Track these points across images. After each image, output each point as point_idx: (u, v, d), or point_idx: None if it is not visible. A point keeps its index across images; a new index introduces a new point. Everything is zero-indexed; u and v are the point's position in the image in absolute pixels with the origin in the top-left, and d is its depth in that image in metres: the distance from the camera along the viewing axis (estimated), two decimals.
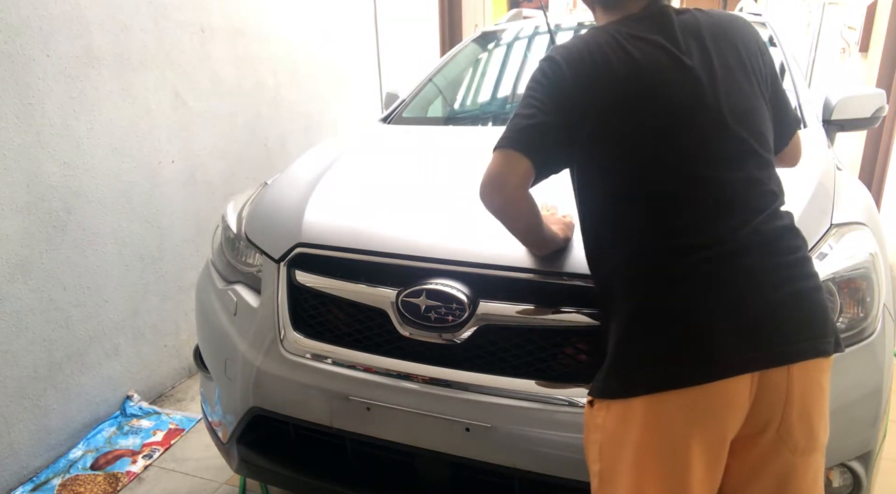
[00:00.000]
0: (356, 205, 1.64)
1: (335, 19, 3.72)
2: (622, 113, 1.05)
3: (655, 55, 1.06)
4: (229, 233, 1.76)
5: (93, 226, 2.29)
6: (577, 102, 1.06)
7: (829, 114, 2.16)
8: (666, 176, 1.04)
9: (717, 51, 1.08)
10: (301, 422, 1.48)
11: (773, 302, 0.97)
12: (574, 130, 1.07)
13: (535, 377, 1.28)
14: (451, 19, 4.96)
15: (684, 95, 1.04)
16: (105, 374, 2.42)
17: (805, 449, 1.01)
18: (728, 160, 1.04)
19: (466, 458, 1.32)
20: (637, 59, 1.05)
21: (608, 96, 1.05)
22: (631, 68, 1.05)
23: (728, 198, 1.02)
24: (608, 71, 1.05)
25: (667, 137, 1.04)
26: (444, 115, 2.73)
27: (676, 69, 1.05)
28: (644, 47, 1.06)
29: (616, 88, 1.05)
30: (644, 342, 1.00)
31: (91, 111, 2.24)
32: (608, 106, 1.05)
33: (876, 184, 4.15)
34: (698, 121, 1.04)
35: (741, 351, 0.95)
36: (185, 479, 2.16)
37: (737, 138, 1.05)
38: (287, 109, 3.32)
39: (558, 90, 1.08)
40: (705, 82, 1.05)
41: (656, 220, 1.03)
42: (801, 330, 0.98)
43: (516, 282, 1.30)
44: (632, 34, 1.08)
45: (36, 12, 2.02)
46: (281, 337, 1.47)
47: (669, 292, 0.99)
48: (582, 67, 1.07)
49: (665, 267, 1.01)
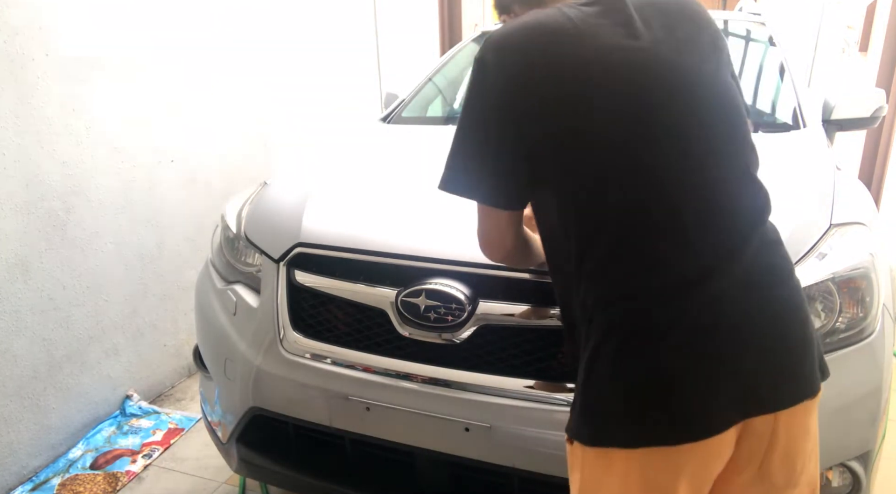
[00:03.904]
0: (356, 205, 1.64)
1: (335, 19, 3.72)
2: (573, 114, 0.90)
3: (609, 39, 0.91)
4: (229, 232, 1.76)
5: (92, 226, 2.29)
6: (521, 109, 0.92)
7: (829, 113, 2.16)
8: (640, 190, 0.89)
9: (675, 30, 0.96)
10: (300, 422, 1.48)
11: (763, 348, 0.89)
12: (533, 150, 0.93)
13: (535, 377, 1.27)
14: (451, 19, 4.96)
15: (654, 84, 0.91)
16: (105, 374, 2.42)
17: (786, 485, 0.96)
18: (717, 157, 0.92)
19: (466, 458, 1.33)
20: (590, 43, 0.91)
21: (557, 96, 0.91)
22: (586, 58, 0.90)
23: (717, 212, 0.90)
24: (557, 64, 0.90)
25: (636, 138, 0.90)
26: (444, 115, 2.73)
27: (637, 55, 0.92)
28: (597, 30, 0.92)
29: (567, 86, 0.90)
30: (618, 395, 0.89)
31: (91, 110, 2.24)
32: (556, 108, 0.90)
33: (875, 184, 4.15)
34: (674, 112, 0.91)
35: (729, 404, 0.87)
36: (184, 479, 2.16)
37: (724, 125, 0.93)
38: (287, 109, 3.32)
39: (496, 100, 0.93)
40: (676, 68, 0.92)
41: (628, 252, 0.89)
42: (790, 375, 0.91)
43: (516, 282, 1.30)
44: (582, 17, 0.93)
45: (36, 11, 2.02)
46: (280, 336, 1.47)
47: (648, 345, 0.88)
48: (521, 62, 0.92)
49: (642, 314, 0.88)
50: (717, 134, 0.93)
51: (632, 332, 0.89)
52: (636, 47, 0.92)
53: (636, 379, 0.88)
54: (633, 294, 0.89)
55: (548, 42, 0.91)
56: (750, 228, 0.92)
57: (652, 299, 0.88)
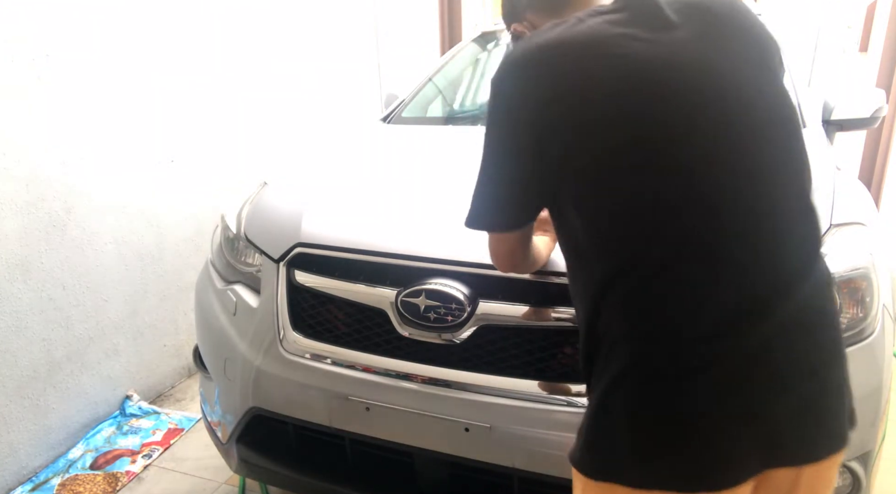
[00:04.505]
0: (356, 205, 1.64)
1: (335, 19, 3.72)
2: (607, 133, 0.82)
3: (644, 51, 0.83)
4: (229, 232, 1.76)
5: (92, 226, 2.29)
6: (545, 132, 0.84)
7: (829, 114, 2.16)
8: (689, 217, 0.80)
9: (724, 39, 0.87)
10: (300, 422, 1.48)
11: (800, 396, 0.81)
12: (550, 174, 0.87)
13: (535, 377, 1.27)
14: (451, 19, 4.96)
15: (700, 100, 0.82)
16: (104, 374, 2.42)
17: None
18: (773, 180, 0.82)
19: (466, 458, 1.32)
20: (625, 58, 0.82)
21: (589, 116, 0.82)
22: (618, 72, 0.82)
23: (772, 244, 0.81)
24: (584, 84, 0.82)
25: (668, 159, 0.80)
26: (444, 115, 2.73)
27: (677, 67, 0.83)
28: (627, 42, 0.83)
29: (599, 106, 0.82)
30: (633, 432, 0.82)
31: (91, 110, 2.24)
32: (591, 128, 0.82)
33: (875, 184, 4.15)
34: (725, 134, 0.81)
35: (752, 453, 0.80)
36: (184, 479, 2.16)
37: (782, 144, 0.84)
38: (287, 109, 3.32)
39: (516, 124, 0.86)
40: (724, 80, 0.83)
41: (667, 284, 0.81)
42: (822, 427, 0.84)
43: (516, 282, 1.30)
44: (611, 26, 0.84)
45: (37, 13, 2.02)
46: (280, 337, 1.47)
47: (675, 384, 0.80)
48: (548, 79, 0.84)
49: (674, 351, 0.80)
50: (773, 154, 0.83)
51: (658, 369, 0.81)
52: (676, 61, 0.82)
53: (656, 418, 0.81)
54: (666, 328, 0.81)
55: (573, 60, 0.82)
56: (805, 264, 0.84)
57: (688, 336, 0.80)
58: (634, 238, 0.82)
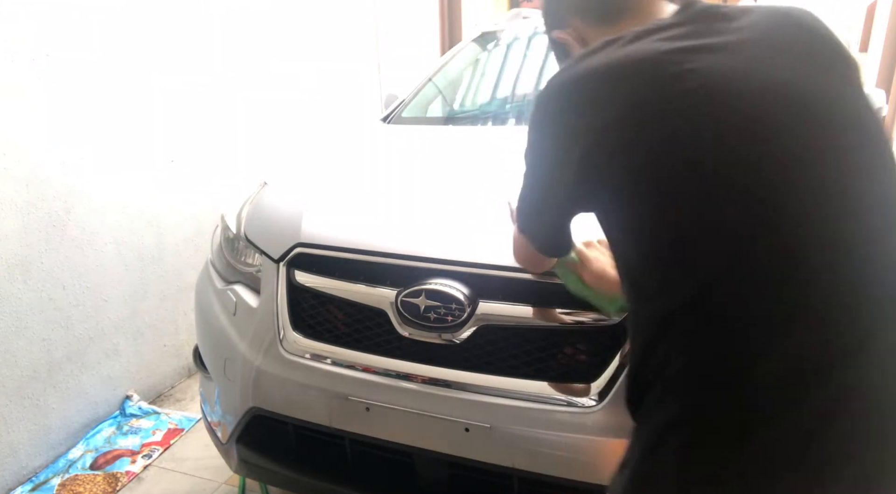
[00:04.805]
0: (356, 205, 1.64)
1: (335, 19, 3.72)
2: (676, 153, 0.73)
3: (709, 68, 0.74)
4: (228, 232, 1.76)
5: (92, 226, 2.29)
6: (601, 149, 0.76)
7: None
8: (769, 249, 0.71)
9: (803, 57, 0.78)
10: (300, 422, 1.48)
11: (861, 470, 0.70)
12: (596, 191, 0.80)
13: (535, 377, 1.27)
14: (451, 19, 4.96)
15: (777, 122, 0.73)
16: (104, 374, 2.42)
17: None
18: (863, 208, 0.73)
19: (466, 458, 1.32)
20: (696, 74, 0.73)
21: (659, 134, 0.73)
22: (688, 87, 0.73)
23: (865, 279, 0.71)
24: (657, 91, 0.74)
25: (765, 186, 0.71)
26: (444, 115, 2.73)
27: (750, 86, 0.74)
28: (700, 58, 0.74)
29: (655, 131, 0.73)
30: (680, 487, 0.74)
31: (91, 110, 2.24)
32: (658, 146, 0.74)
33: None
34: (811, 158, 0.72)
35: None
36: (184, 479, 2.16)
37: (869, 165, 0.75)
38: (287, 109, 3.32)
39: (567, 138, 0.79)
40: (803, 97, 0.74)
41: (736, 324, 0.71)
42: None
43: (516, 283, 1.29)
44: (674, 44, 0.76)
45: (36, 12, 2.02)
46: (280, 337, 1.47)
47: (736, 442, 0.70)
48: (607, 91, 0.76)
49: (739, 400, 0.71)
50: (861, 177, 0.74)
51: (714, 420, 0.72)
52: (742, 77, 0.74)
53: (701, 478, 0.72)
54: (730, 373, 0.72)
55: (623, 85, 0.75)
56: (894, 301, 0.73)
57: (753, 383, 0.70)
58: (700, 270, 0.73)
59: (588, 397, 1.22)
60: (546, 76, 2.55)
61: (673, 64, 0.74)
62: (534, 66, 2.65)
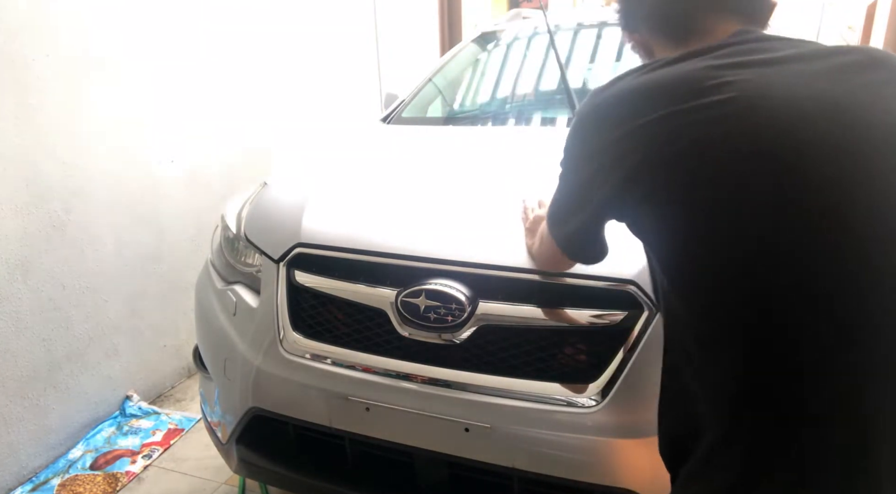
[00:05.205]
0: (356, 205, 1.64)
1: (335, 19, 3.72)
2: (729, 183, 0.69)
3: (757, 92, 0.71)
4: (228, 232, 1.76)
5: (92, 226, 2.29)
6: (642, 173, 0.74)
7: None
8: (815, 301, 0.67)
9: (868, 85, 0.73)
10: (300, 422, 1.48)
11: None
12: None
13: (535, 377, 1.27)
14: (451, 19, 4.96)
15: (838, 153, 0.68)
16: (104, 374, 2.42)
17: None
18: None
19: (465, 458, 1.32)
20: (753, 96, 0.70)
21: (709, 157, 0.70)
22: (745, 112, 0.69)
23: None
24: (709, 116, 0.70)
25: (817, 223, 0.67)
26: (444, 115, 2.73)
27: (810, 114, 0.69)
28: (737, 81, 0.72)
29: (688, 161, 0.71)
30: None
31: (91, 111, 2.24)
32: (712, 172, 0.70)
33: None
34: (874, 188, 0.68)
35: None
36: (184, 479, 2.16)
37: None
38: (287, 109, 3.32)
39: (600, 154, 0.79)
40: (866, 128, 0.70)
41: (782, 372, 0.68)
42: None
43: (516, 283, 1.30)
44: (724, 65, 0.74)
45: (35, 12, 2.02)
46: (280, 337, 1.47)
47: (775, 473, 0.69)
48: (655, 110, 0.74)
49: (775, 441, 0.69)
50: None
51: (752, 457, 0.70)
52: (791, 95, 0.70)
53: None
54: (779, 415, 0.69)
55: (662, 108, 0.73)
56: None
57: (796, 428, 0.68)
58: (770, 328, 0.68)
59: (588, 397, 1.22)
60: (546, 76, 2.55)
61: (709, 78, 0.72)
62: (534, 67, 2.65)
